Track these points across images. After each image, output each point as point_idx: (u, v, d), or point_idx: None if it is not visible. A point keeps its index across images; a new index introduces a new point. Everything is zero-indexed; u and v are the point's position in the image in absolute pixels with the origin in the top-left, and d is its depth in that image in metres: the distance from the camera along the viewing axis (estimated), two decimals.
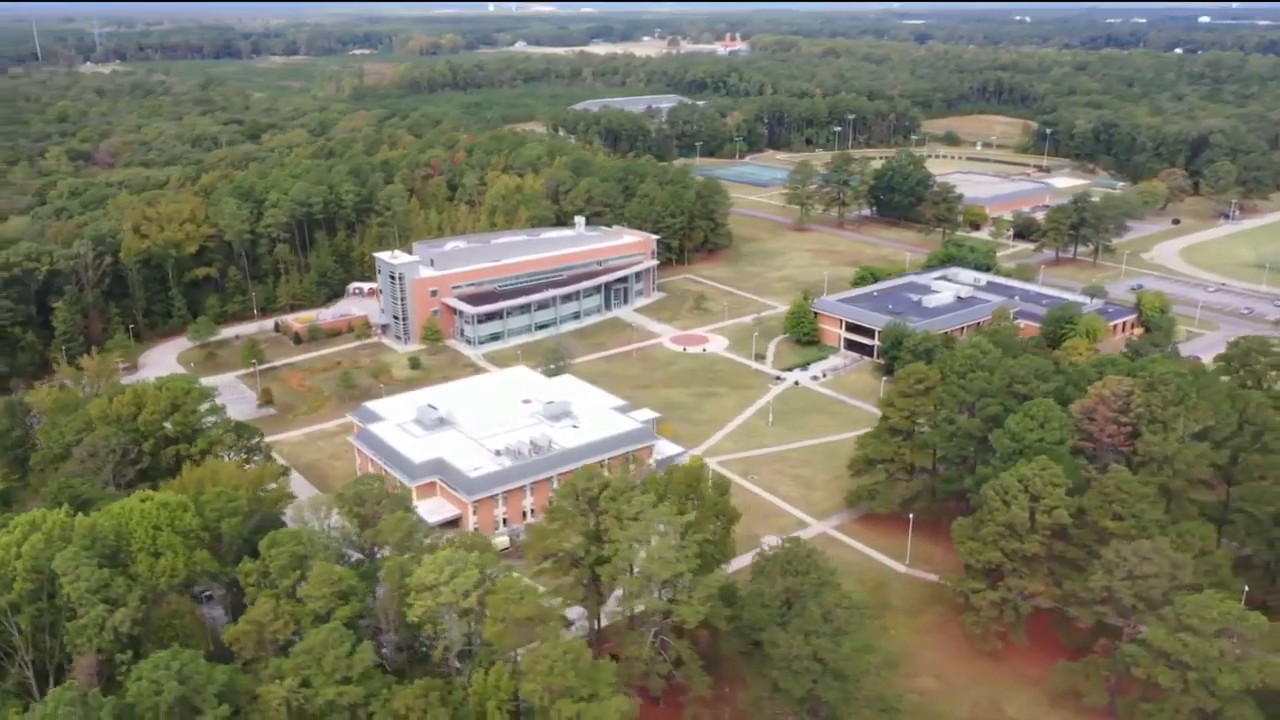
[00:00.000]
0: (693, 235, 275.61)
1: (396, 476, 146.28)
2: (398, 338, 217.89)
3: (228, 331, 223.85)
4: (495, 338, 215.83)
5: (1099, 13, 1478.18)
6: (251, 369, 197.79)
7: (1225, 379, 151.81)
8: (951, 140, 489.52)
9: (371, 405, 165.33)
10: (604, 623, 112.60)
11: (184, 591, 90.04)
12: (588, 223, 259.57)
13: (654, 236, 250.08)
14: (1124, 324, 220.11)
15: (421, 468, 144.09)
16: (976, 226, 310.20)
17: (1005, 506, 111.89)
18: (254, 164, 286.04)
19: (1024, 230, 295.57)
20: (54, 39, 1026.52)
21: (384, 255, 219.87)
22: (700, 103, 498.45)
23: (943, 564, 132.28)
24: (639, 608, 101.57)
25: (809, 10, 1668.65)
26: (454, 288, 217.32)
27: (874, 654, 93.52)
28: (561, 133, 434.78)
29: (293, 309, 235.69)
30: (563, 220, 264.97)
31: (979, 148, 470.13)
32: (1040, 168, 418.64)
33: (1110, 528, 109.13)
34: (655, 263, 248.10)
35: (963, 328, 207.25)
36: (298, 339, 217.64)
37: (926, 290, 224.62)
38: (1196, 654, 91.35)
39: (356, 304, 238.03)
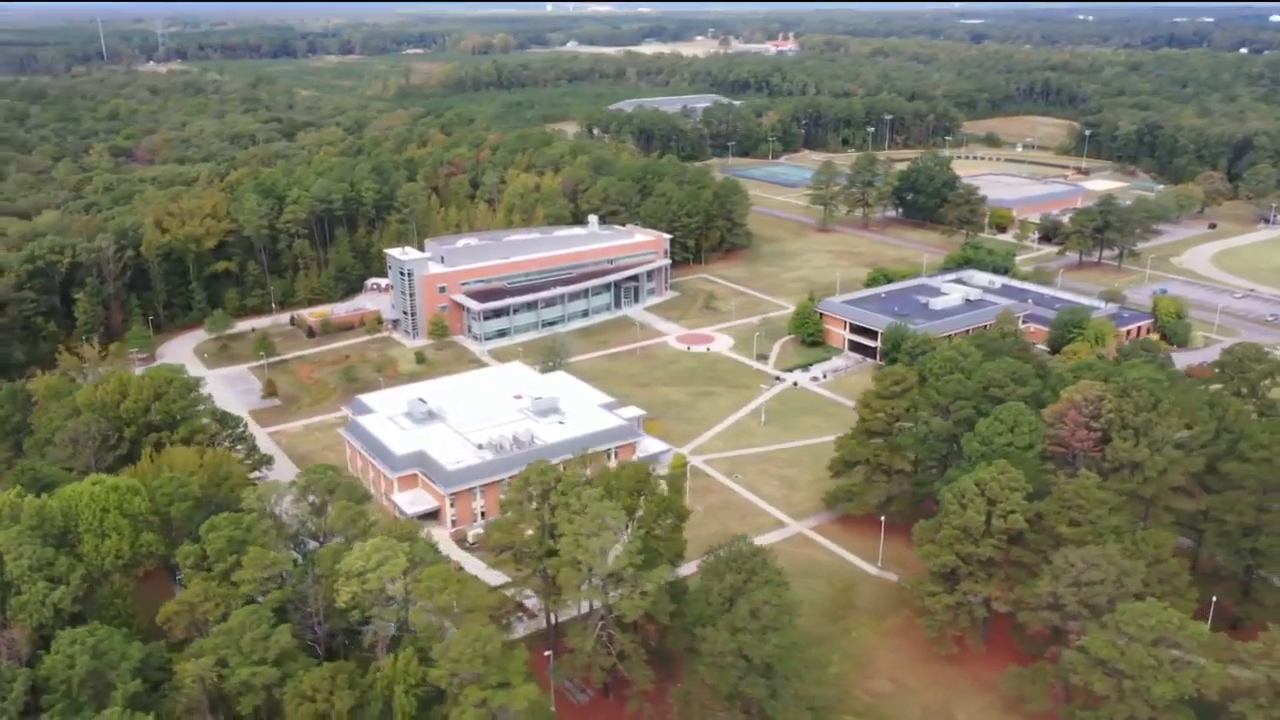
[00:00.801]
0: (709, 235, 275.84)
1: (380, 468, 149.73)
2: (407, 333, 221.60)
3: (246, 324, 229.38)
4: (502, 334, 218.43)
5: (1165, 12, 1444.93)
6: (254, 362, 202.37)
7: (1218, 386, 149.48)
8: (992, 141, 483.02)
9: (364, 398, 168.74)
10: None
11: (141, 572, 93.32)
12: (603, 221, 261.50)
13: (666, 236, 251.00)
14: (1138, 329, 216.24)
15: (403, 459, 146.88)
16: (1003, 229, 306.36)
17: (962, 510, 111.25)
18: (281, 161, 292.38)
19: (1050, 233, 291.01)
20: (120, 39, 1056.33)
21: (394, 251, 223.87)
22: (737, 103, 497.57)
23: (915, 567, 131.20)
24: (583, 600, 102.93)
25: (866, 10, 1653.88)
26: (462, 284, 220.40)
27: (803, 652, 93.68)
28: (596, 132, 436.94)
29: (310, 303, 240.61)
30: (580, 219, 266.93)
31: (1019, 149, 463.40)
32: (1079, 169, 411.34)
33: (1066, 534, 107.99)
34: (667, 262, 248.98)
35: (968, 330, 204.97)
36: (310, 333, 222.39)
37: (936, 293, 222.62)
38: (1132, 662, 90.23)
39: (372, 299, 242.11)
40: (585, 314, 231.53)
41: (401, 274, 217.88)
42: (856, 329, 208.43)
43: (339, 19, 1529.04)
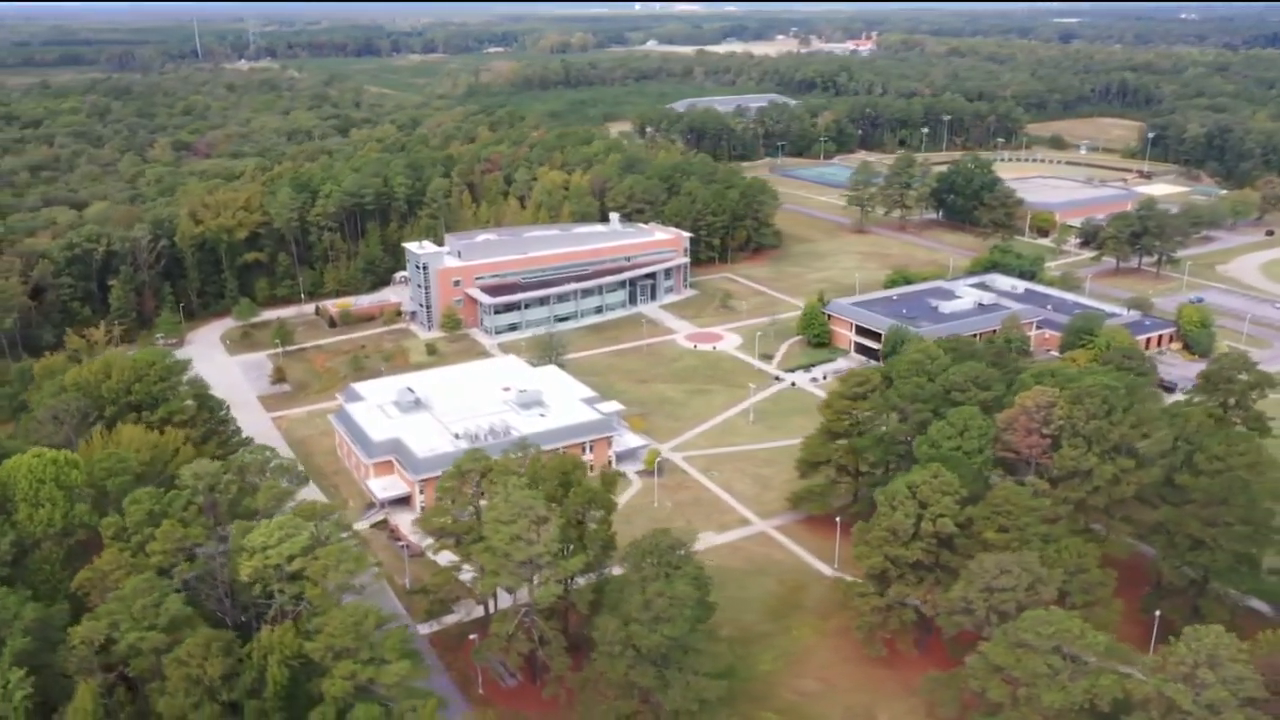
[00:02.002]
0: (736, 234, 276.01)
1: (358, 453, 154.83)
2: (423, 325, 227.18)
3: (273, 313, 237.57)
4: (513, 328, 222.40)
5: (1275, 12, 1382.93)
6: (273, 349, 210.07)
7: (1201, 398, 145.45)
8: (1057, 143, 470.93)
9: (357, 386, 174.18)
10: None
11: (73, 542, 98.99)
12: (628, 219, 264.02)
13: (686, 234, 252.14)
14: (1159, 338, 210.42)
15: (379, 446, 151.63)
16: (1045, 233, 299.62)
17: (892, 512, 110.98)
18: (324, 156, 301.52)
19: (1090, 238, 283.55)
20: (217, 38, 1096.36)
21: (412, 245, 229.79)
22: (792, 102, 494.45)
23: None
24: (501, 585, 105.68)
25: (954, 10, 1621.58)
26: (477, 278, 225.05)
27: (701, 644, 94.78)
28: (649, 131, 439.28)
29: (339, 294, 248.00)
30: (608, 217, 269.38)
31: (1083, 151, 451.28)
32: (1141, 173, 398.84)
33: (992, 539, 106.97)
34: (686, 260, 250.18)
35: (976, 335, 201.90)
36: (332, 323, 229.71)
37: (951, 296, 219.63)
38: (1026, 669, 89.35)
39: (397, 292, 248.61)
40: (599, 310, 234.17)
41: (418, 267, 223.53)
42: (862, 331, 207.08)
43: (429, 18, 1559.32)
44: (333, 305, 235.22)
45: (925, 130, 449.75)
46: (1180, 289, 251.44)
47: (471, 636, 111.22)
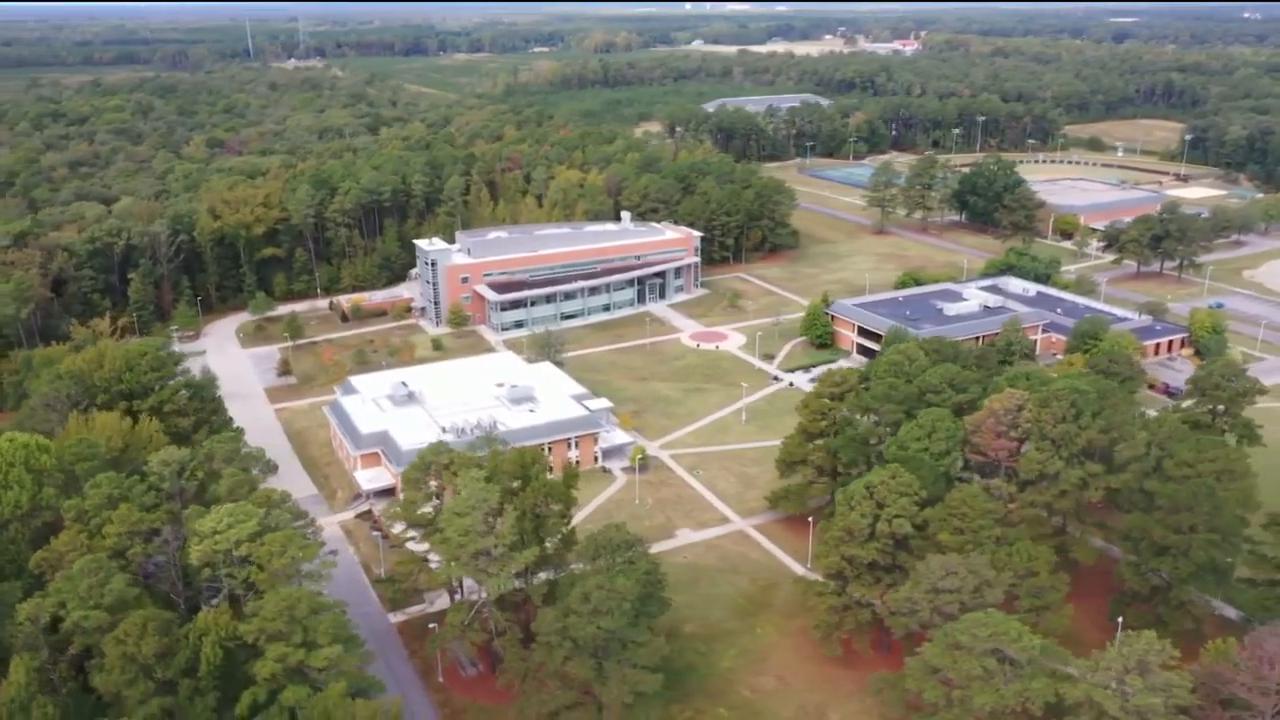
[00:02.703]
0: (751, 234, 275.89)
1: (346, 444, 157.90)
2: (431, 321, 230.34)
3: (291, 307, 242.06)
4: (519, 325, 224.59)
5: None
6: (285, 342, 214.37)
7: (1188, 403, 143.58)
8: (1095, 145, 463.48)
9: (354, 379, 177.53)
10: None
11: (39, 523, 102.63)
12: (642, 218, 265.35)
13: (696, 233, 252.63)
14: (1169, 343, 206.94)
15: (367, 438, 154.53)
16: (1068, 236, 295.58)
17: (849, 511, 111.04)
18: (348, 154, 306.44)
19: (1113, 241, 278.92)
20: (269, 38, 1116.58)
21: (422, 242, 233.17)
22: (825, 103, 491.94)
23: None
24: (453, 575, 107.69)
25: (1010, 9, 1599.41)
26: (485, 275, 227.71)
27: (640, 638, 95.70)
28: (679, 130, 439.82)
29: (354, 290, 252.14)
30: (621, 216, 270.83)
31: (1120, 154, 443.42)
32: (1177, 176, 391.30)
33: (945, 541, 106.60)
34: (696, 259, 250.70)
35: (979, 337, 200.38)
36: (344, 317, 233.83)
37: (957, 298, 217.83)
38: (961, 671, 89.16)
39: (412, 288, 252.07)
40: (607, 308, 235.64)
41: (427, 264, 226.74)
42: (864, 332, 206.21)
43: (480, 18, 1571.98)
44: (345, 300, 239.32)
45: (956, 131, 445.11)
46: (1201, 294, 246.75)
47: (431, 626, 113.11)
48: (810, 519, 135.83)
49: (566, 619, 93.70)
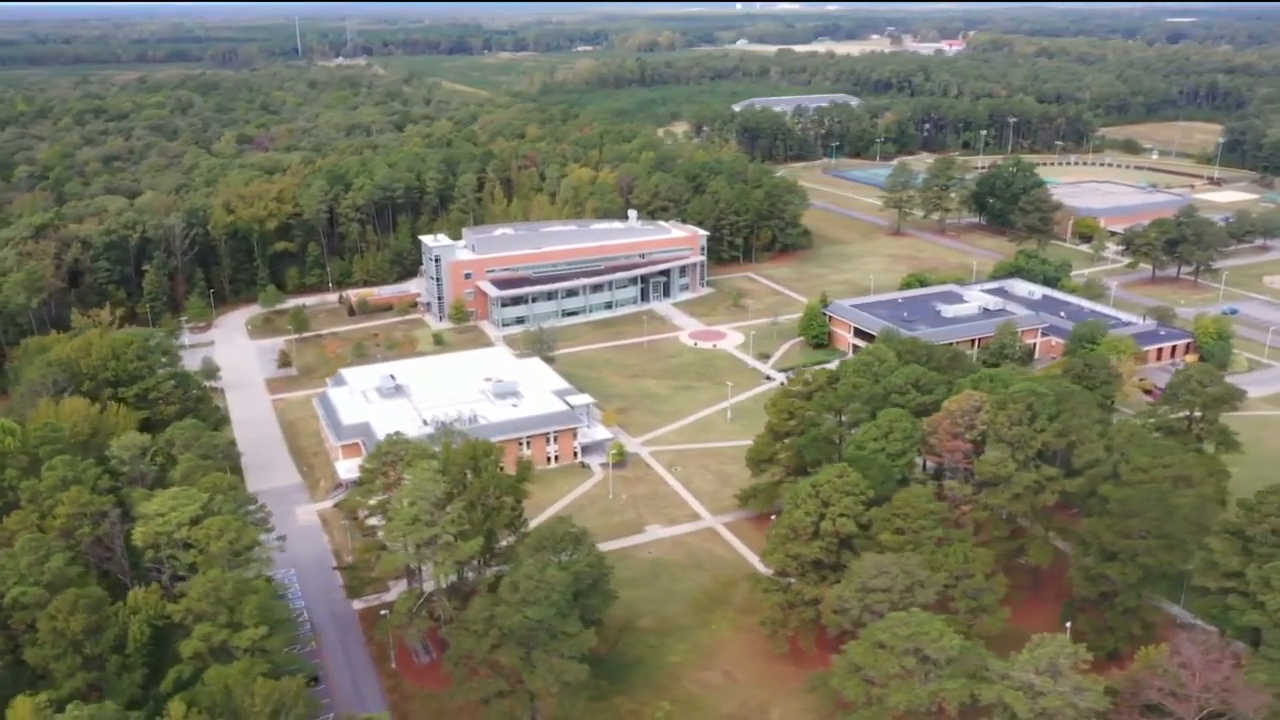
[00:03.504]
0: (760, 234, 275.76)
1: (329, 435, 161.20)
2: (435, 315, 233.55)
3: (301, 301, 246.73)
4: (520, 321, 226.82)
5: None
6: (291, 334, 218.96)
7: (1165, 408, 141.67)
8: (1131, 148, 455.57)
9: (345, 372, 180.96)
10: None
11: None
12: (652, 217, 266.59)
13: (702, 232, 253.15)
14: (1172, 348, 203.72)
15: (348, 429, 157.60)
16: (1088, 239, 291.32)
17: (794, 510, 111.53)
18: (368, 150, 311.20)
19: (1130, 244, 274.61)
20: (317, 36, 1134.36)
21: (427, 238, 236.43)
22: (854, 102, 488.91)
23: None
24: (400, 563, 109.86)
25: (1065, 10, 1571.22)
26: (488, 271, 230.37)
27: (569, 628, 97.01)
28: (705, 130, 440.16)
29: (365, 284, 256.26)
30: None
31: (1154, 156, 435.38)
32: (1211, 179, 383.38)
33: (887, 540, 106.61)
34: (701, 258, 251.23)
35: (975, 339, 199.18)
36: (351, 311, 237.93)
37: (958, 300, 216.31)
38: (880, 670, 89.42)
39: (421, 284, 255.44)
40: (609, 306, 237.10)
41: (432, 260, 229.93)
42: (860, 333, 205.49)
43: (530, 17, 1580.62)
44: (353, 294, 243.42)
45: (984, 133, 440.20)
46: (1217, 299, 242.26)
47: (383, 613, 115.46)
48: (773, 518, 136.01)
49: (495, 608, 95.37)
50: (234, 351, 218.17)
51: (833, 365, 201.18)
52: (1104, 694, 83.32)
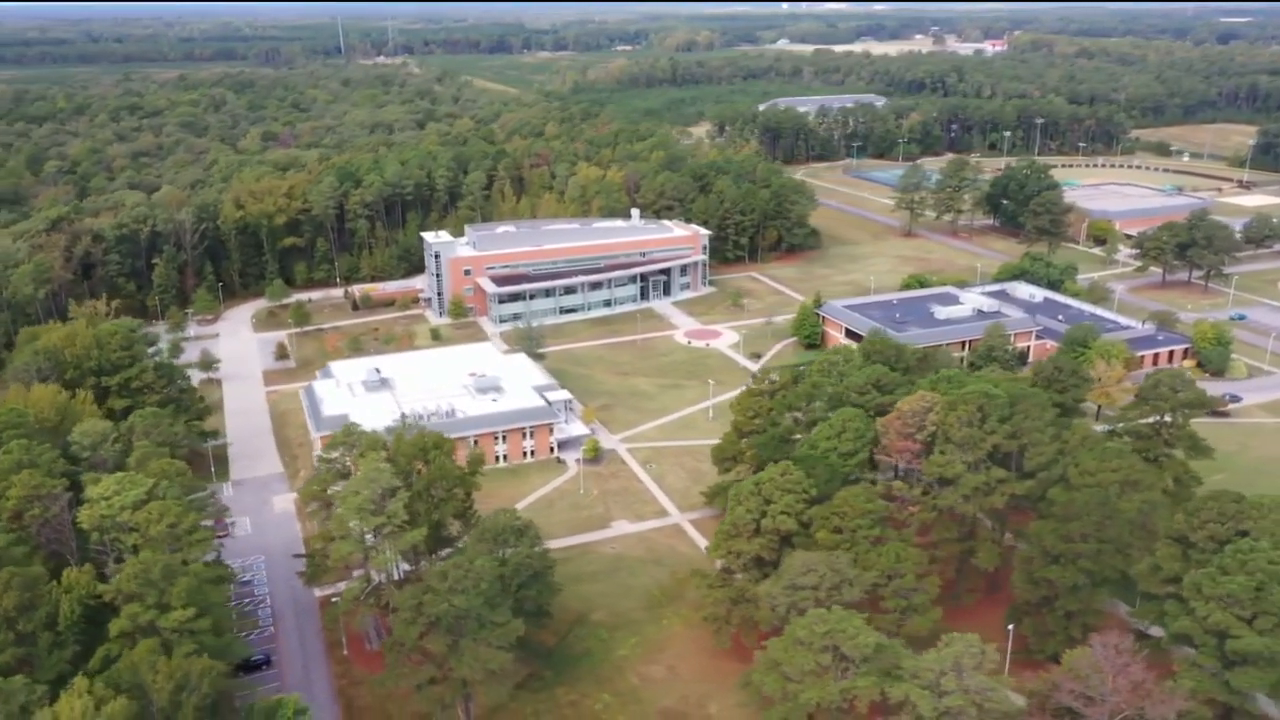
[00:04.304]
0: (766, 234, 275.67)
1: (310, 426, 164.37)
2: (436, 311, 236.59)
3: (308, 295, 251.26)
4: (517, 318, 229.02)
5: None
6: (291, 328, 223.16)
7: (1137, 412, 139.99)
8: (1163, 150, 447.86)
9: (333, 365, 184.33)
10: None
11: None
12: (657, 216, 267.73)
13: (705, 231, 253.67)
14: (1169, 354, 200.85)
15: (327, 420, 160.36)
16: (1102, 241, 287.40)
17: (737, 506, 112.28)
18: (382, 148, 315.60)
19: (1142, 247, 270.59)
20: (360, 35, 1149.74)
21: (428, 235, 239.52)
22: (880, 103, 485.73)
23: None
24: (346, 552, 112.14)
25: (1115, 10, 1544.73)
26: (487, 268, 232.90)
27: (498, 618, 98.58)
28: (727, 129, 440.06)
29: (373, 280, 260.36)
30: (640, 212, 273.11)
31: (1185, 159, 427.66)
32: (1241, 183, 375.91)
33: (823, 539, 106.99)
34: (703, 257, 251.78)
35: (965, 342, 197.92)
36: (355, 305, 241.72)
37: (953, 301, 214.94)
38: (795, 666, 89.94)
39: (426, 279, 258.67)
40: (608, 304, 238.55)
41: (432, 256, 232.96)
42: (851, 334, 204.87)
43: (574, 17, 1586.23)
44: (357, 289, 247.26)
45: (1007, 134, 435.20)
46: (1226, 304, 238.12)
47: (333, 600, 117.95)
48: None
49: (424, 596, 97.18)
50: (237, 344, 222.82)
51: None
52: (1017, 695, 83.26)
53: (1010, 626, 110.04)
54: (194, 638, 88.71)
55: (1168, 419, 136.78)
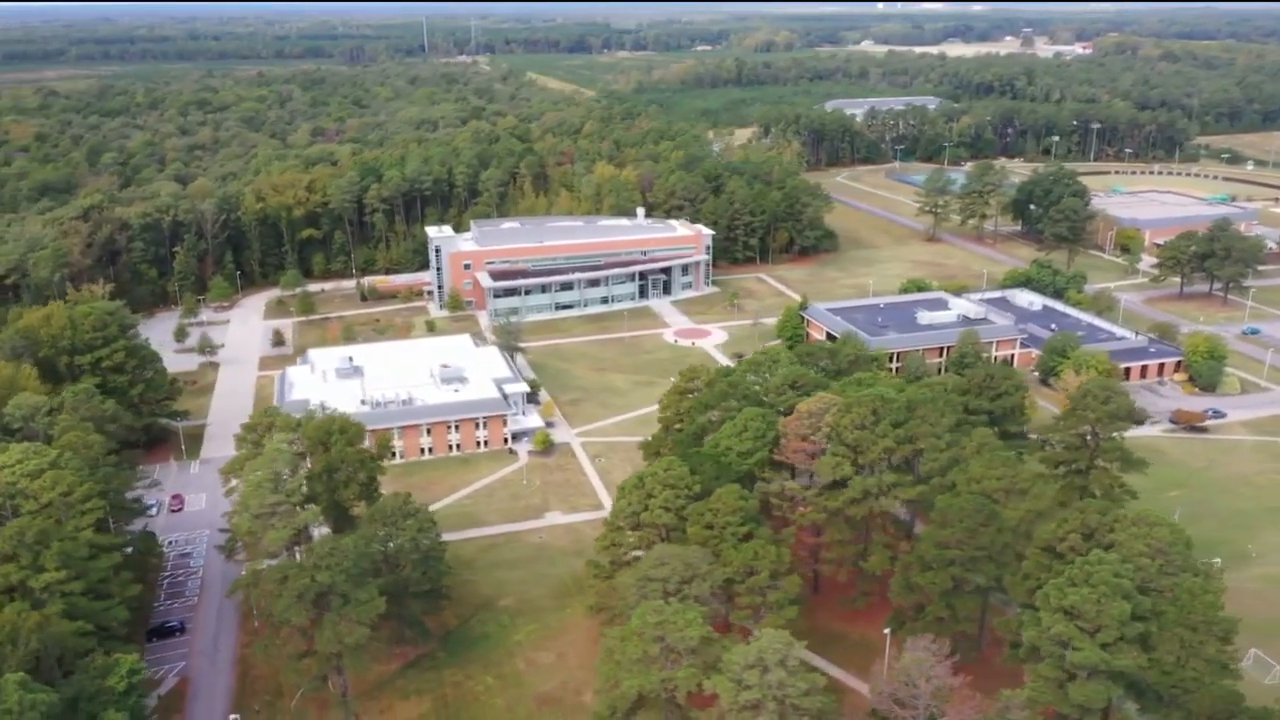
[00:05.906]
0: (777, 235, 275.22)
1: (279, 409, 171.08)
2: (436, 303, 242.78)
3: (323, 285, 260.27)
4: (513, 312, 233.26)
5: None
6: (295, 316, 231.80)
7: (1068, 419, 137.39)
8: (1236, 158, 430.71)
9: (312, 352, 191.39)
10: None
11: None
12: (668, 216, 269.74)
13: (708, 231, 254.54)
14: (1160, 366, 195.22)
15: (290, 404, 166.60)
16: (1128, 250, 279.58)
17: (620, 499, 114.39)
18: (414, 145, 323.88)
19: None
20: (444, 34, 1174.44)
21: (431, 229, 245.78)
22: (932, 105, 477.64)
23: None
24: (244, 528, 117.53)
25: (1221, 10, 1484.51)
26: (487, 263, 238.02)
27: (360, 595, 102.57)
28: (774, 131, 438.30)
29: (388, 272, 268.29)
30: (651, 211, 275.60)
31: (1250, 168, 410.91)
32: None
33: (693, 535, 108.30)
34: (706, 257, 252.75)
35: (943, 348, 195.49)
36: (363, 296, 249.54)
37: (941, 307, 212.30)
38: (625, 655, 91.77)
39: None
40: (606, 301, 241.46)
41: (433, 249, 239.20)
42: (831, 337, 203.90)
43: (662, 17, 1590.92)
44: (365, 282, 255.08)
45: (1057, 139, 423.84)
46: (1243, 318, 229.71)
47: (242, 573, 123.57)
48: None
49: (289, 571, 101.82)
50: (245, 331, 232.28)
51: None
52: (823, 692, 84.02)
53: (887, 631, 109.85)
54: (65, 599, 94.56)
55: (1096, 430, 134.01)
